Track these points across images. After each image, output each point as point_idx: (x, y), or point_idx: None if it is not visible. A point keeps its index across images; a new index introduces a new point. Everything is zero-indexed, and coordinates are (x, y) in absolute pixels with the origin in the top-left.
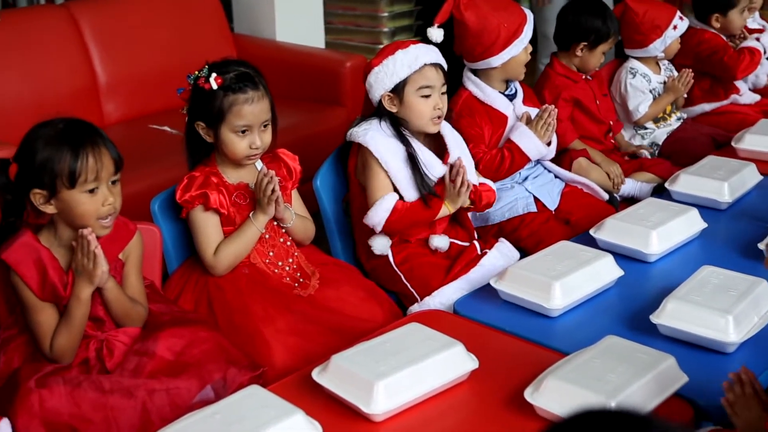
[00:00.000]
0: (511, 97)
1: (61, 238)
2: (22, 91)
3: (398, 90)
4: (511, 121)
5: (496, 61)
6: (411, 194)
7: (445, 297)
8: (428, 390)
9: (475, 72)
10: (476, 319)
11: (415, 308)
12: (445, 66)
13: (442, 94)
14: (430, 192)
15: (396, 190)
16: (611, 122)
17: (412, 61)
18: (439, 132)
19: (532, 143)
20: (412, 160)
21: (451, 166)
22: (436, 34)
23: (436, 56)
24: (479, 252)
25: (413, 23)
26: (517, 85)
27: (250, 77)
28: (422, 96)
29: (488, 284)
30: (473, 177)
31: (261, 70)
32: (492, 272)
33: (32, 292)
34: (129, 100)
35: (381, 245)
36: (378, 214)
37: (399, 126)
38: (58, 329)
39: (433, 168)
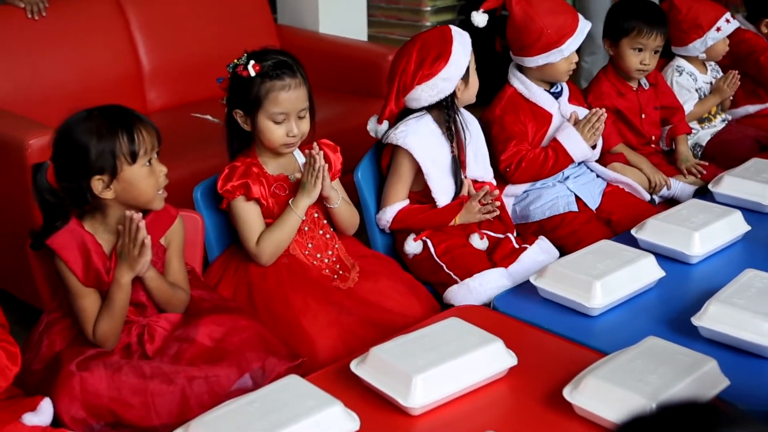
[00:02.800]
0: (557, 95)
1: (107, 223)
2: (68, 77)
3: (466, 75)
4: (556, 119)
5: (530, 62)
6: (445, 196)
7: (485, 280)
8: (466, 385)
9: (521, 69)
10: (515, 315)
11: (455, 289)
12: None
13: None
14: (459, 190)
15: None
16: (653, 137)
17: (465, 39)
18: None
19: (577, 145)
20: (455, 162)
21: (487, 193)
22: (479, 18)
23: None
24: (515, 245)
25: (455, 18)
26: (563, 83)
27: (288, 65)
28: (474, 70)
29: (528, 281)
30: (490, 173)
31: (303, 61)
32: (532, 268)
33: (76, 278)
34: (172, 88)
35: (411, 248)
36: (382, 222)
37: (454, 121)
38: (100, 315)
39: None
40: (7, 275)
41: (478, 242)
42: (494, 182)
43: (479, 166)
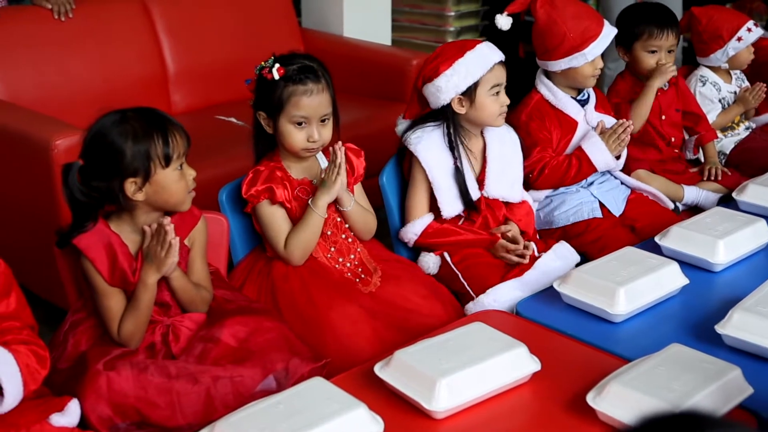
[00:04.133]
0: (583, 103)
1: (134, 224)
2: (94, 79)
3: (470, 91)
4: (581, 126)
5: (553, 66)
6: (451, 208)
7: (499, 295)
8: (490, 390)
9: (548, 75)
10: (538, 321)
11: (470, 307)
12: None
13: (504, 89)
14: (472, 208)
15: (436, 202)
16: (673, 138)
17: (485, 61)
18: (483, 142)
19: (601, 155)
20: (459, 173)
21: (525, 247)
22: (503, 21)
23: (499, 53)
24: (536, 254)
25: (479, 23)
26: (590, 89)
27: (313, 70)
28: (492, 95)
29: (551, 287)
30: (517, 193)
31: (327, 65)
32: (547, 274)
33: (102, 277)
34: (196, 90)
35: (430, 265)
36: (409, 234)
37: (454, 132)
38: (125, 314)
39: (469, 180)
40: (33, 275)
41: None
42: (524, 199)
43: (503, 185)
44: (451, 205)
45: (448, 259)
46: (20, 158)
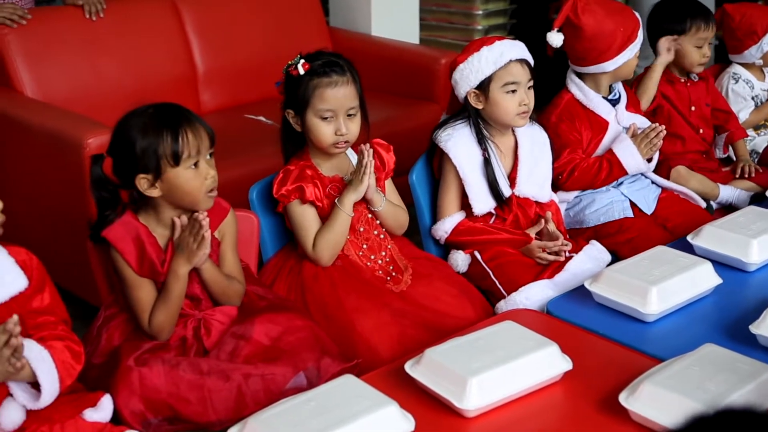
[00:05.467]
0: (614, 102)
1: (161, 219)
2: (124, 78)
3: (483, 87)
4: (612, 126)
5: (611, 65)
6: (482, 204)
7: (531, 293)
8: (521, 389)
9: (580, 75)
10: (569, 320)
11: (501, 305)
12: (532, 61)
13: (529, 89)
14: (502, 202)
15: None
16: (701, 130)
17: (497, 58)
18: (515, 140)
19: (632, 158)
20: (488, 166)
21: (561, 244)
22: (555, 39)
23: (521, 52)
24: (566, 254)
25: (507, 22)
26: (621, 89)
27: (338, 63)
28: (507, 92)
29: (582, 286)
30: (546, 193)
31: (355, 63)
32: (578, 276)
33: (131, 269)
34: (225, 89)
35: (459, 263)
36: (439, 231)
37: (481, 126)
38: (156, 305)
39: (500, 176)
40: (65, 272)
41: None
42: (552, 199)
43: (532, 185)
44: (481, 201)
45: (479, 257)
46: (52, 156)
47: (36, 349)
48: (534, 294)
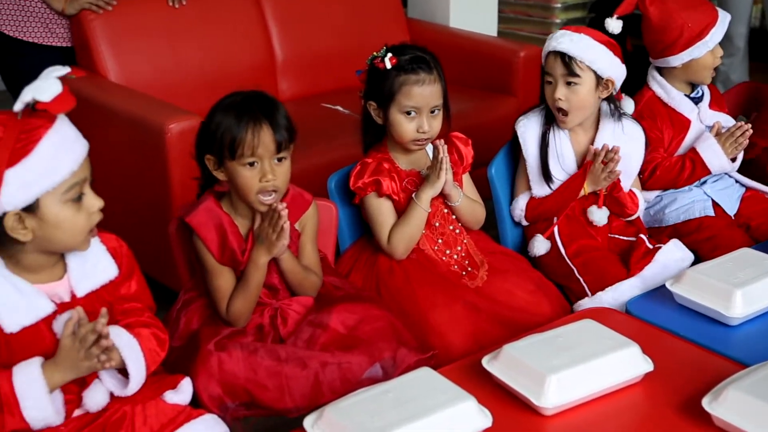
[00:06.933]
0: (697, 101)
1: (237, 206)
2: (205, 65)
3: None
4: (695, 125)
5: (675, 60)
6: (540, 187)
7: (618, 293)
8: (601, 388)
9: (661, 72)
10: (649, 320)
11: (585, 303)
12: (577, 55)
13: (567, 84)
14: (548, 180)
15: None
16: None
17: (545, 50)
18: (595, 132)
19: (716, 158)
20: (543, 147)
21: (607, 151)
22: (614, 24)
23: (556, 44)
24: (649, 245)
25: (586, 15)
26: (705, 87)
27: (425, 60)
28: (546, 82)
29: (663, 286)
30: (631, 178)
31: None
32: (667, 267)
33: (212, 256)
34: (303, 78)
35: (538, 248)
36: (516, 211)
37: (549, 115)
38: (234, 293)
39: (565, 160)
40: (147, 258)
41: (598, 213)
42: (631, 189)
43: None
44: (538, 184)
45: (563, 250)
46: (135, 141)
47: (126, 337)
48: (621, 294)
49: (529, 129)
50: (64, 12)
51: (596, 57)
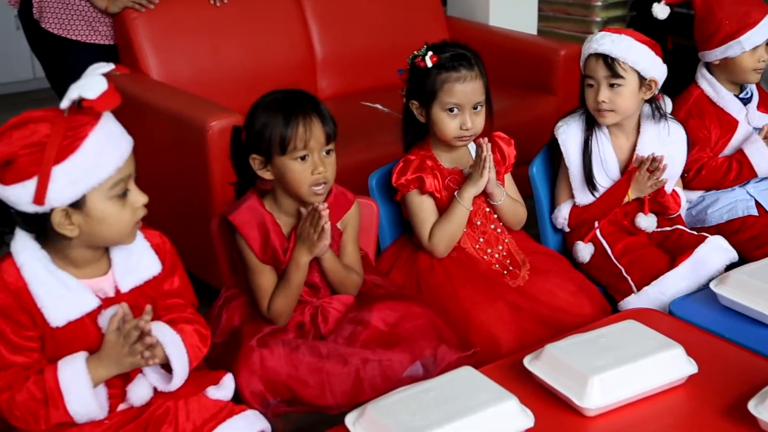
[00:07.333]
0: (745, 101)
1: (282, 205)
2: (245, 62)
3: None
4: (742, 126)
5: (710, 56)
6: (583, 195)
7: (663, 286)
8: (644, 390)
9: (709, 69)
10: (692, 321)
11: (631, 300)
12: (623, 58)
13: (612, 86)
14: (593, 189)
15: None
16: None
17: (585, 51)
18: (637, 134)
19: (764, 161)
20: (586, 155)
21: (653, 159)
22: (660, 10)
23: (599, 46)
24: (692, 232)
25: (626, 14)
26: (753, 87)
27: (466, 57)
28: (587, 85)
29: (707, 287)
30: (673, 180)
31: None
32: (710, 260)
33: (254, 254)
34: (342, 76)
35: (583, 254)
36: (559, 219)
37: (590, 119)
38: (275, 292)
39: (608, 166)
40: (188, 255)
41: (646, 221)
42: (674, 189)
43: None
44: (582, 192)
45: (609, 250)
46: (177, 139)
47: (169, 333)
48: (667, 287)
49: (570, 136)
50: (107, 10)
51: (639, 57)
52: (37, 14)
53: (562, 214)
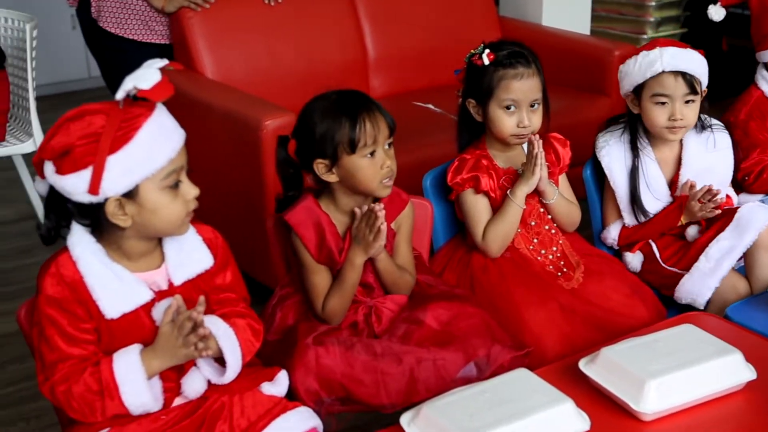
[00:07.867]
0: None
1: (339, 205)
2: (298, 62)
3: (637, 92)
4: None
5: (764, 56)
6: (631, 217)
7: (713, 255)
8: (702, 395)
9: None
10: (749, 326)
11: (685, 282)
12: (697, 73)
13: (687, 102)
14: (643, 215)
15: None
16: None
17: (649, 66)
18: (681, 144)
19: None
20: (633, 178)
21: (709, 190)
22: (715, 12)
23: (677, 62)
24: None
25: (680, 14)
26: None
27: (523, 55)
28: (656, 103)
29: (765, 293)
30: (723, 187)
31: None
32: (751, 213)
33: (310, 254)
34: (394, 76)
35: (634, 264)
36: (609, 239)
37: (638, 132)
38: (330, 292)
39: (656, 188)
40: (243, 254)
41: (693, 229)
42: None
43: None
44: (630, 215)
45: (659, 256)
46: (231, 137)
47: (222, 327)
48: (712, 256)
49: (613, 159)
50: (163, 10)
51: (704, 71)
52: (95, 13)
53: (612, 235)
